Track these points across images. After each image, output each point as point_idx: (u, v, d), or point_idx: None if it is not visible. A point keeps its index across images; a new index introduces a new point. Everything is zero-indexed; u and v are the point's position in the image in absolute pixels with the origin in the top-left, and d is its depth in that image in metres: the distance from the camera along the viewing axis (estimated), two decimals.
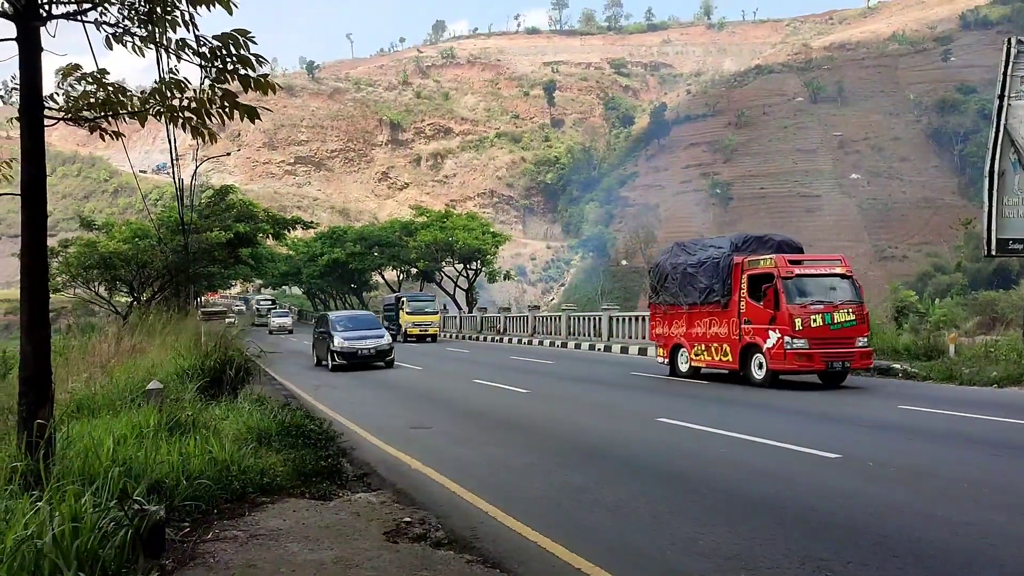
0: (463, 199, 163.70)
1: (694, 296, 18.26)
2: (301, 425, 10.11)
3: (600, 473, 8.77)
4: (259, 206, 40.80)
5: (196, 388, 11.23)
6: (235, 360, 12.50)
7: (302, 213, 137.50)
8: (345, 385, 19.92)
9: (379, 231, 73.56)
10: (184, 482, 7.02)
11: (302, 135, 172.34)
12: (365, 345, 24.11)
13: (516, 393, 16.62)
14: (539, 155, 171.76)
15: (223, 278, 66.50)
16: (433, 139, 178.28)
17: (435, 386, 19.07)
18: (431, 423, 12.85)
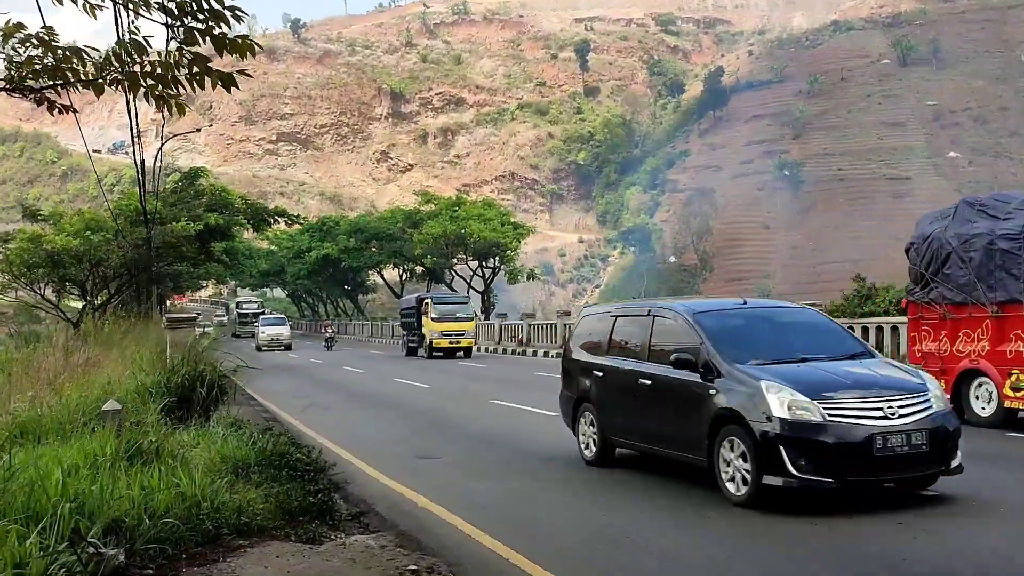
0: (478, 183, 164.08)
1: (1013, 288, 13.23)
2: (285, 454, 10.13)
3: (643, 512, 8.73)
4: (235, 192, 41.15)
5: (161, 409, 11.29)
6: (207, 376, 12.54)
7: (286, 201, 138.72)
8: (338, 405, 19.98)
9: (377, 222, 73.97)
10: (147, 521, 7.06)
11: (286, 107, 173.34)
12: None
13: (542, 416, 16.58)
14: (569, 130, 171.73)
15: (192, 278, 67.34)
16: (442, 112, 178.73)
17: (445, 407, 19.07)
18: (440, 451, 12.85)
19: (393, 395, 22.41)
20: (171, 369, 12.80)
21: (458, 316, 39.40)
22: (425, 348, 39.26)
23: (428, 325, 39.13)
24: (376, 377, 29.34)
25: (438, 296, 42.54)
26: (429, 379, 26.91)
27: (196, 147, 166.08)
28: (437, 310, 39.25)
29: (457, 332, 38.71)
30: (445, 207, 66.73)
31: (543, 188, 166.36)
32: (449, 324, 38.79)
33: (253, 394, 20.59)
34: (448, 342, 38.44)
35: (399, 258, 70.31)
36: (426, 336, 39.21)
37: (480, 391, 22.94)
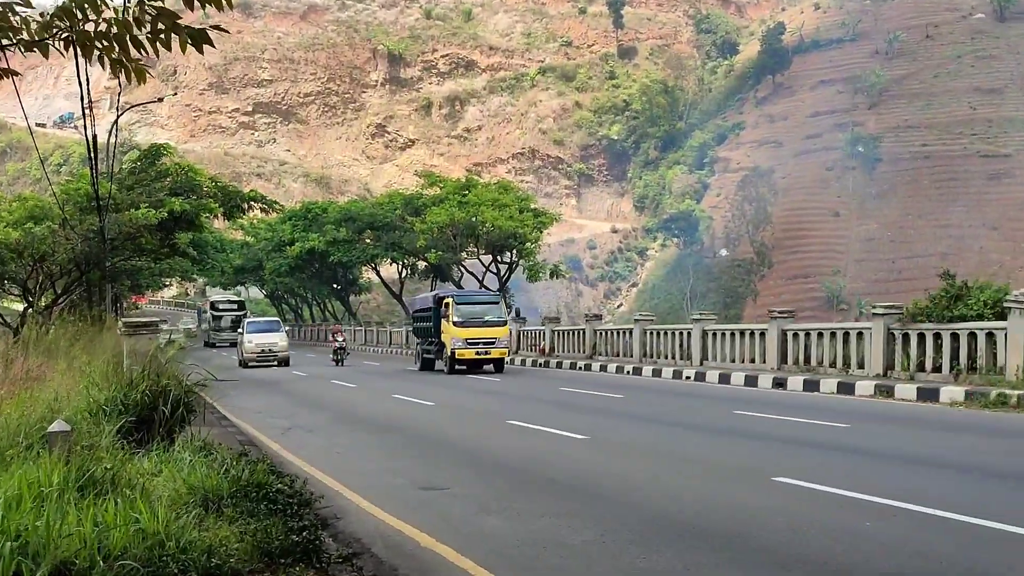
0: (491, 162, 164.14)
1: None
2: (264, 484, 10.14)
3: (699, 555, 8.70)
4: (203, 173, 41.32)
5: (117, 431, 11.33)
6: (171, 392, 12.58)
7: (264, 184, 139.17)
8: (325, 427, 20.00)
9: (372, 209, 74.14)
10: (101, 563, 7.07)
11: (264, 72, 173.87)
12: None
13: (568, 440, 16.55)
14: (600, 99, 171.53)
15: (154, 276, 67.70)
16: (449, 77, 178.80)
17: (452, 429, 19.06)
18: (447, 481, 12.84)
19: (391, 414, 22.41)
20: (129, 383, 12.84)
21: (487, 319, 36.97)
22: (445, 360, 37.26)
23: (449, 331, 36.78)
24: (371, 393, 29.37)
25: (462, 295, 40.18)
26: (434, 395, 26.94)
27: (158, 120, 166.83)
28: (461, 312, 36.84)
29: (486, 340, 36.48)
30: (452, 191, 66.81)
31: (569, 168, 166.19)
32: (476, 330, 36.43)
33: (225, 413, 20.64)
34: (474, 352, 36.29)
35: (398, 252, 70.35)
36: (447, 345, 37.04)
37: (494, 409, 22.91)
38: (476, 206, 61.83)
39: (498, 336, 36.99)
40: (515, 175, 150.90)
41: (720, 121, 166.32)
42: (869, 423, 18.43)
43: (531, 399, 25.75)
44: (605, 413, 21.42)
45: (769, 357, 29.14)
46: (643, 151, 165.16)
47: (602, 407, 22.89)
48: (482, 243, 63.28)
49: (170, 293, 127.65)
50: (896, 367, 24.41)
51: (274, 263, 78.74)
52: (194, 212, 37.24)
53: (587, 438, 16.68)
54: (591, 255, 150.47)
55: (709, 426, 18.43)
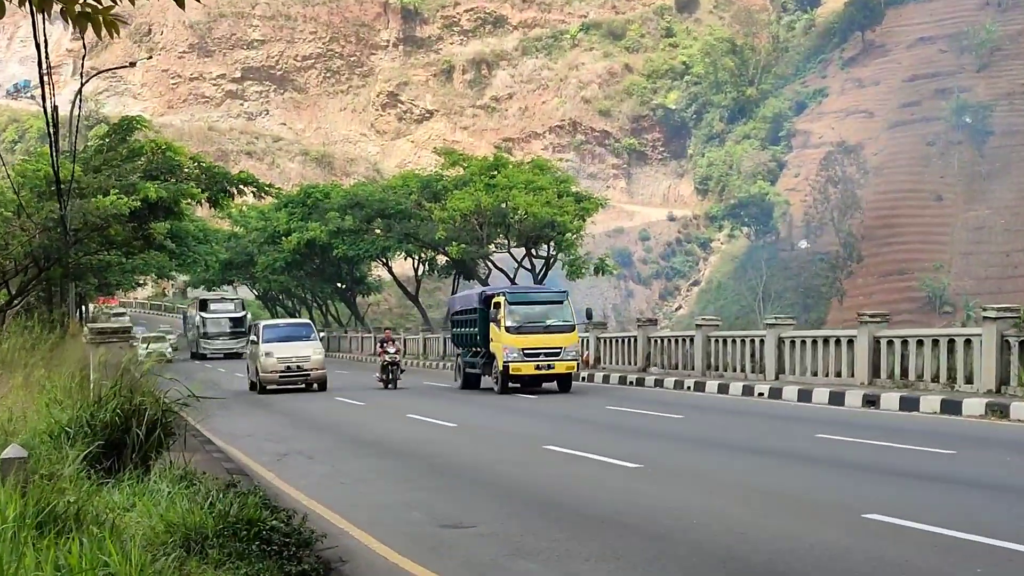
0: (525, 137, 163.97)
1: None
2: (256, 520, 10.16)
3: None
4: (184, 152, 41.48)
5: (82, 457, 11.39)
6: (147, 411, 12.63)
7: (255, 164, 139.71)
8: (328, 452, 20.05)
9: (383, 193, 74.30)
10: None
11: (255, 32, 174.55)
12: None
13: (617, 469, 16.51)
14: (655, 61, 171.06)
15: (125, 273, 68.04)
16: (474, 36, 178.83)
17: (478, 455, 19.06)
18: (473, 517, 12.84)
19: (406, 437, 22.43)
20: (96, 401, 12.90)
21: (551, 324, 34.97)
22: (495, 375, 35.02)
23: (501, 338, 34.46)
24: (381, 411, 29.43)
25: (517, 292, 38.11)
26: (455, 414, 26.95)
27: (129, 88, 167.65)
28: (516, 314, 34.80)
29: (549, 350, 34.30)
30: (478, 172, 66.78)
31: (617, 144, 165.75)
32: (536, 337, 34.23)
33: (210, 436, 20.73)
34: (534, 367, 34.09)
35: (413, 244, 70.46)
36: (498, 356, 34.69)
37: (528, 432, 22.87)
38: (506, 190, 61.78)
39: (564, 345, 34.52)
40: (553, 152, 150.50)
41: (799, 87, 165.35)
42: (979, 449, 18.28)
43: (571, 419, 25.70)
44: (661, 437, 21.34)
45: (858, 370, 28.96)
46: (706, 123, 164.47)
47: (657, 429, 22.80)
48: (513, 234, 63.19)
49: (145, 293, 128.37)
50: (1012, 382, 24.18)
51: (267, 258, 78.99)
52: (173, 198, 37.40)
53: (639, 466, 16.62)
54: (644, 248, 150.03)
55: (786, 452, 18.33)
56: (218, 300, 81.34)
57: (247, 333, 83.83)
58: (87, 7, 5.93)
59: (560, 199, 61.81)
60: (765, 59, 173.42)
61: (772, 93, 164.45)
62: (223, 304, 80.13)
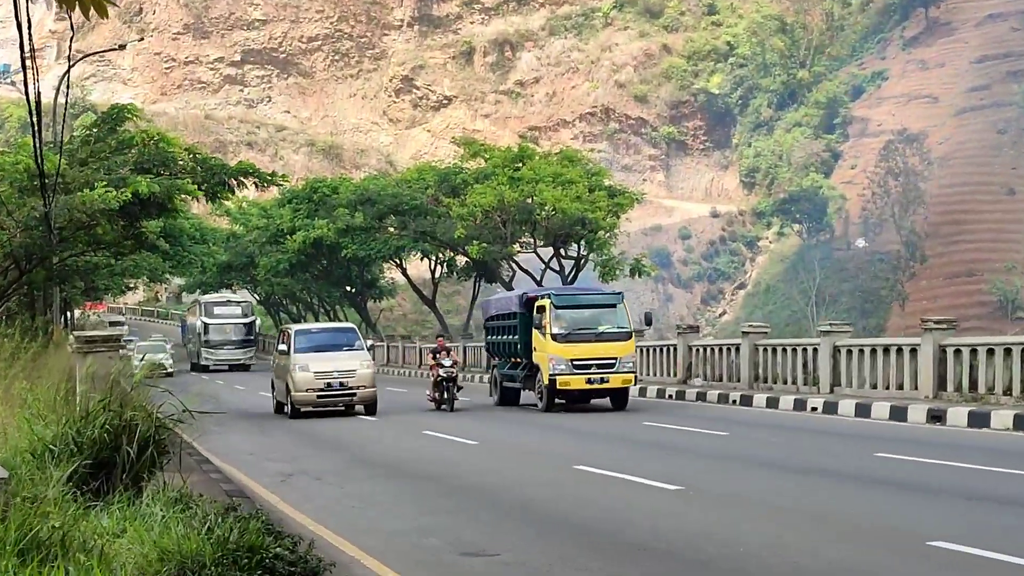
0: (552, 126, 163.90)
1: None
2: (259, 547, 10.18)
3: None
4: (178, 143, 41.60)
5: (68, 478, 11.43)
6: (138, 427, 12.66)
7: (256, 156, 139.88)
8: (337, 473, 20.07)
9: (397, 188, 74.38)
10: None
11: (256, 11, 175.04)
12: None
13: (655, 491, 16.50)
14: (696, 42, 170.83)
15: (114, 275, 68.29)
16: (496, 15, 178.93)
17: (502, 475, 19.06)
18: (496, 544, 12.85)
19: (422, 456, 22.46)
20: (83, 416, 12.93)
21: (604, 331, 33.41)
22: (539, 390, 33.72)
23: (547, 347, 32.89)
24: (395, 428, 29.47)
25: (565, 294, 36.20)
26: (477, 431, 26.97)
27: (119, 73, 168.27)
28: (563, 319, 33.38)
29: (602, 361, 32.75)
30: (501, 163, 66.83)
31: (655, 132, 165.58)
32: (587, 346, 32.73)
33: (208, 455, 20.80)
34: (585, 380, 32.54)
35: (430, 243, 70.47)
36: (543, 368, 33.24)
37: (556, 450, 22.87)
38: (532, 183, 61.81)
39: (619, 355, 32.86)
40: (583, 142, 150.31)
41: (855, 69, 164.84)
42: None
43: (604, 437, 25.67)
44: (703, 455, 21.30)
45: (922, 382, 28.84)
46: (753, 109, 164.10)
47: (699, 447, 22.76)
48: (540, 232, 63.20)
49: (135, 298, 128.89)
50: None
51: (270, 259, 79.08)
52: (166, 193, 37.43)
53: (680, 488, 16.60)
54: (684, 247, 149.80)
55: (842, 473, 18.27)
56: (223, 303, 79.08)
57: (255, 341, 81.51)
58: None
59: (591, 193, 61.77)
60: (818, 38, 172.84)
61: (826, 76, 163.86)
62: (228, 308, 78.10)
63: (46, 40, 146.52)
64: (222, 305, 78.33)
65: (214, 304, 78.34)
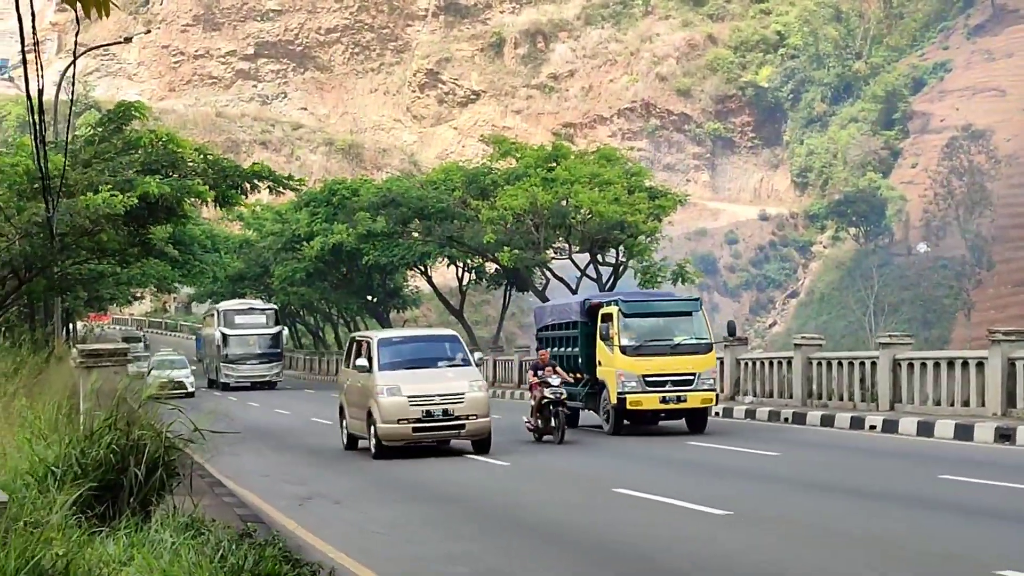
0: (588, 122, 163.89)
1: None
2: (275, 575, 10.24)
3: None
4: (188, 143, 41.83)
5: (72, 502, 11.48)
6: (147, 447, 12.72)
7: (271, 156, 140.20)
8: (356, 496, 20.11)
9: (421, 190, 74.32)
10: None
11: (269, 1, 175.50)
12: None
13: (701, 516, 16.49)
14: (744, 31, 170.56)
15: (120, 284, 68.56)
16: (528, 3, 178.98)
17: (535, 498, 19.07)
18: (526, 573, 12.89)
19: (448, 478, 22.47)
20: (88, 436, 13.00)
21: (680, 343, 31.47)
22: (604, 411, 31.55)
23: (615, 362, 30.66)
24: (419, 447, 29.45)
25: (634, 299, 33.60)
26: (506, 453, 26.92)
27: (124, 68, 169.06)
28: (633, 329, 31.22)
29: (679, 377, 30.70)
30: (534, 163, 66.80)
31: (699, 129, 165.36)
32: (661, 360, 30.71)
33: (220, 477, 20.89)
34: (659, 399, 30.60)
35: (457, 249, 70.45)
36: (609, 386, 30.95)
37: (593, 472, 22.86)
38: (567, 185, 61.78)
39: (698, 370, 30.95)
40: (622, 140, 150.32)
41: (916, 60, 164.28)
42: None
43: (646, 458, 25.65)
44: (753, 477, 21.25)
45: (990, 398, 28.69)
46: (805, 104, 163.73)
47: (748, 469, 22.71)
48: (575, 237, 63.17)
49: (142, 309, 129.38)
50: None
51: (285, 267, 79.16)
52: (175, 197, 37.60)
53: (727, 513, 16.57)
54: (731, 252, 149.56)
55: (903, 496, 18.21)
56: (245, 311, 74.21)
57: (282, 355, 77.72)
58: None
59: (631, 195, 61.71)
60: (876, 27, 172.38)
61: (884, 68, 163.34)
62: (252, 316, 73.58)
63: (46, 33, 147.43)
64: (244, 313, 73.64)
65: (235, 312, 73.66)
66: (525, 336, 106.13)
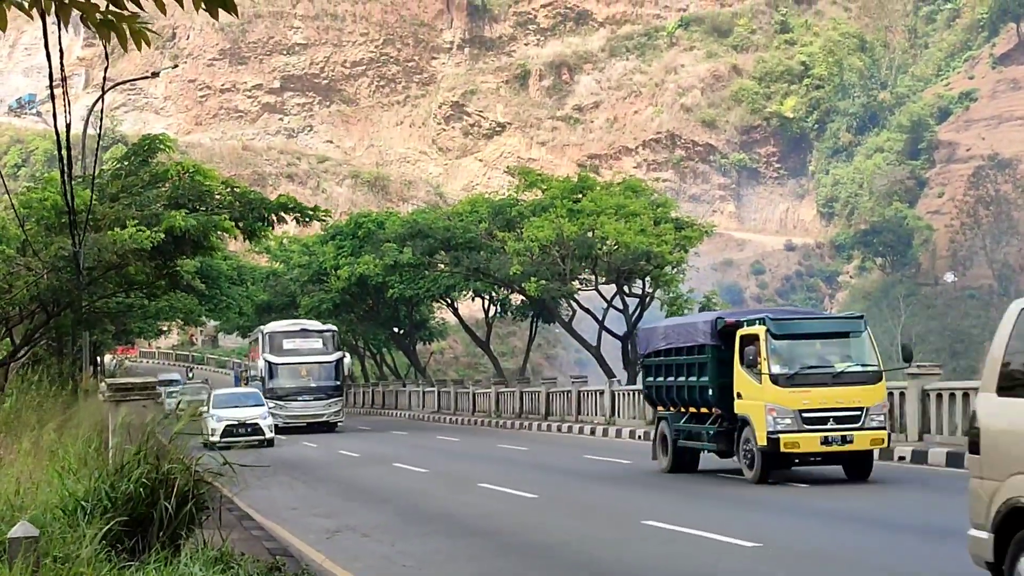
0: (614, 153, 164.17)
1: None
2: None
3: None
4: (215, 176, 41.88)
5: (102, 535, 11.48)
6: (176, 482, 12.73)
7: (297, 188, 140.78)
8: (386, 529, 20.06)
9: (447, 221, 74.40)
10: None
11: (296, 35, 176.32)
12: None
13: (732, 548, 16.45)
14: (769, 62, 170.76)
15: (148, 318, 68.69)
16: (553, 35, 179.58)
17: (562, 531, 19.00)
18: None
19: (477, 510, 22.42)
20: (118, 470, 13.02)
21: (845, 372, 26.06)
22: (749, 452, 25.98)
23: (763, 393, 25.56)
24: (447, 480, 29.42)
25: (784, 319, 27.35)
26: (536, 486, 26.90)
27: (151, 102, 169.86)
28: (786, 354, 26.04)
29: (844, 412, 25.60)
30: (559, 194, 66.86)
31: (725, 160, 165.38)
32: (823, 392, 25.62)
33: (249, 511, 20.89)
34: (820, 440, 25.24)
35: (483, 281, 70.48)
36: (754, 422, 25.54)
37: (623, 504, 22.78)
38: (593, 216, 61.86)
39: (867, 403, 25.84)
40: (647, 171, 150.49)
41: (942, 90, 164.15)
42: None
43: (672, 488, 25.55)
44: (782, 509, 21.17)
45: None
46: (831, 134, 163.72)
47: (777, 501, 22.60)
48: (601, 268, 63.16)
49: (169, 342, 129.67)
50: None
51: (312, 299, 79.26)
52: (202, 230, 37.62)
53: (758, 545, 16.50)
54: (757, 283, 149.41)
55: (931, 530, 18.11)
56: (296, 333, 60.97)
57: (343, 390, 63.01)
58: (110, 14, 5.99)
59: (657, 226, 61.73)
60: (900, 57, 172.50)
61: (909, 97, 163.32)
62: (305, 340, 60.47)
63: (73, 68, 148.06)
64: (295, 336, 60.70)
65: (283, 335, 60.64)
66: (551, 368, 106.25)
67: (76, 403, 21.24)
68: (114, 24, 6.03)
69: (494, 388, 64.96)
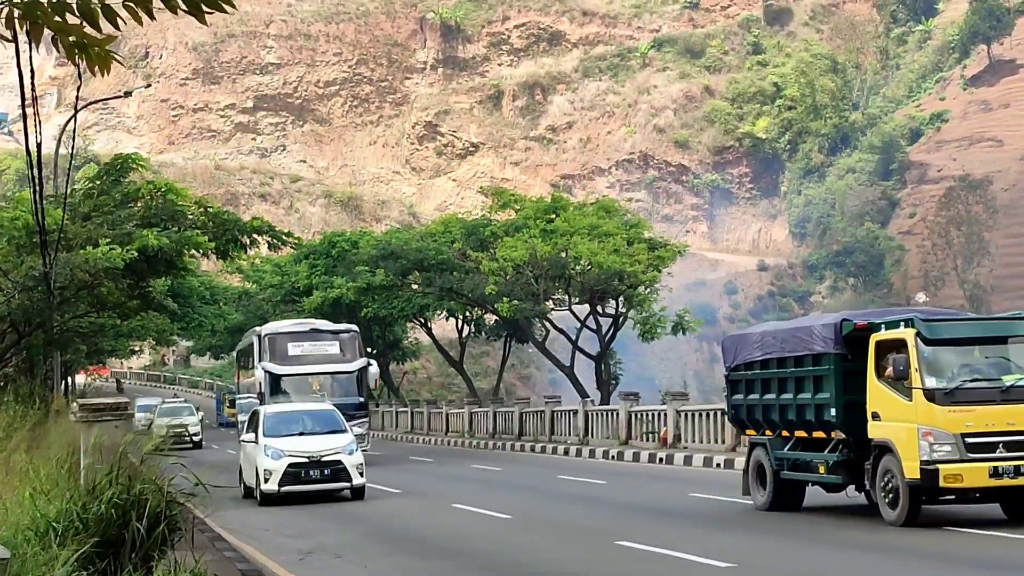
0: (587, 174, 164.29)
1: None
2: None
3: None
4: (187, 195, 41.84)
5: (74, 558, 11.44)
6: (148, 502, 12.68)
7: (270, 208, 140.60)
8: (360, 549, 20.04)
9: (421, 242, 74.41)
10: None
11: (269, 54, 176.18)
12: None
13: (705, 569, 16.49)
14: (741, 83, 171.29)
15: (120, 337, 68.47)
16: (526, 56, 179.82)
17: (541, 552, 19.02)
18: None
19: (451, 531, 22.41)
20: (89, 491, 12.97)
21: (1014, 386, 20.62)
22: (888, 490, 20.94)
23: (911, 413, 20.57)
24: (422, 501, 29.37)
25: (937, 320, 22.43)
26: (509, 503, 26.89)
27: (123, 122, 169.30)
28: (942, 363, 21.24)
29: (1021, 437, 20.31)
30: (533, 214, 66.93)
31: (697, 180, 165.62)
32: (993, 411, 20.39)
33: (221, 532, 20.84)
34: (990, 472, 20.05)
35: (457, 301, 70.50)
36: (899, 449, 20.57)
37: (596, 524, 22.78)
38: (566, 236, 61.87)
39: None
40: (620, 191, 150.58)
41: (913, 111, 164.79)
42: None
43: (647, 509, 25.55)
44: (757, 530, 21.17)
45: None
46: (803, 155, 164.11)
47: (752, 522, 22.60)
48: (575, 288, 63.19)
49: (141, 362, 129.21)
50: None
51: (282, 320, 79.14)
52: (175, 250, 37.61)
53: (731, 566, 16.52)
54: (730, 303, 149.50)
55: (913, 551, 18.13)
56: (305, 334, 47.37)
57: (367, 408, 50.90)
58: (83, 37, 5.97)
59: (630, 246, 61.76)
60: (872, 78, 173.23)
61: (881, 118, 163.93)
62: (316, 343, 46.93)
63: (45, 87, 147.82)
64: (303, 338, 47.11)
65: (288, 338, 46.88)
66: (525, 388, 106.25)
67: (47, 424, 21.15)
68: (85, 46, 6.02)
69: (467, 408, 65.00)
